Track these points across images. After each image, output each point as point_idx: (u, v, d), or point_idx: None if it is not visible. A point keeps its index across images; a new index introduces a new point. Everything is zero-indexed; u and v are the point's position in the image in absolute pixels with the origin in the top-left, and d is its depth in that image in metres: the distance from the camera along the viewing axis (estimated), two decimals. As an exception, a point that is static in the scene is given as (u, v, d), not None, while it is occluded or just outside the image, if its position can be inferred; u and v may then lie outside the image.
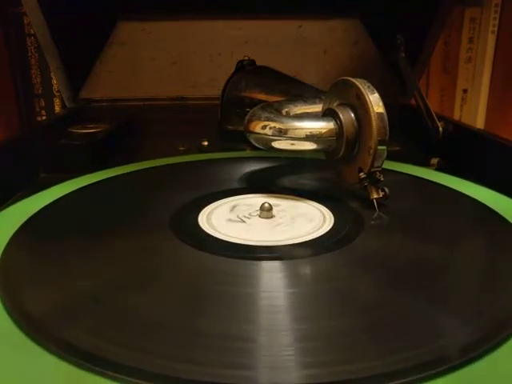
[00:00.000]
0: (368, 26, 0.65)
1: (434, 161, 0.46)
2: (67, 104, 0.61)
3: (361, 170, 0.30)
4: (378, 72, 0.64)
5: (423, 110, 0.50)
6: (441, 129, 0.48)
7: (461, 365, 0.17)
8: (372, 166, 0.30)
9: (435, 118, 0.49)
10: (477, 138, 0.45)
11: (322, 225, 0.29)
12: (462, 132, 0.48)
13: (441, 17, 0.59)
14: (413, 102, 0.56)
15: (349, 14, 0.65)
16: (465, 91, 0.75)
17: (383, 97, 0.29)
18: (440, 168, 0.44)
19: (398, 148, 0.51)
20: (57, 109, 0.70)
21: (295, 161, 0.41)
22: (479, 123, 0.74)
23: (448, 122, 0.49)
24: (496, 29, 0.71)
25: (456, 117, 0.75)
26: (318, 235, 0.28)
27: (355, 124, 0.30)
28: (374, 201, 0.30)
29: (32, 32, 0.66)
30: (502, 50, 0.71)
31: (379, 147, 0.29)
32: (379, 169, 0.30)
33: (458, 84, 0.75)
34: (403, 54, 0.55)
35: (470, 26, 0.72)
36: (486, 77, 0.73)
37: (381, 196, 0.30)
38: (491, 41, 0.71)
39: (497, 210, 0.31)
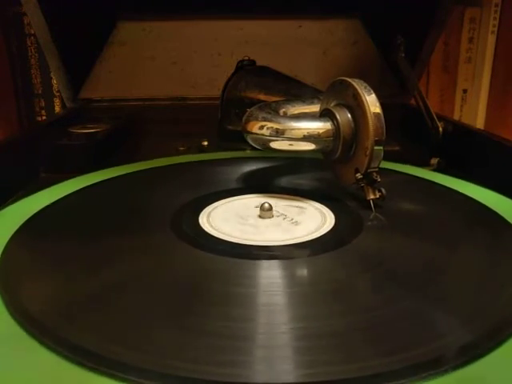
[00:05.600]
0: (368, 26, 0.65)
1: (434, 161, 0.46)
2: (67, 104, 0.61)
3: (357, 171, 0.30)
4: (377, 72, 0.64)
5: (423, 110, 0.50)
6: (441, 129, 0.48)
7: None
8: (368, 166, 0.30)
9: (435, 117, 0.49)
10: (477, 138, 0.45)
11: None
12: (461, 132, 0.48)
13: (441, 17, 0.59)
14: (413, 102, 0.56)
15: (349, 13, 0.65)
16: (465, 91, 0.75)
17: (383, 97, 0.29)
18: (440, 168, 0.44)
19: (397, 148, 0.51)
20: (57, 109, 0.70)
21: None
22: (479, 123, 0.74)
23: (448, 122, 0.49)
24: (496, 29, 0.71)
25: (456, 117, 0.75)
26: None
27: (352, 124, 0.30)
28: (371, 201, 0.30)
29: (32, 32, 0.66)
30: (502, 50, 0.71)
31: (376, 148, 0.29)
32: (376, 169, 0.30)
33: (458, 84, 0.75)
34: (403, 54, 0.55)
35: (470, 26, 0.72)
36: (486, 77, 0.73)
37: (377, 197, 0.30)
38: (491, 41, 0.71)
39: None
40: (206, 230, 0.28)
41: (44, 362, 0.17)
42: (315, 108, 0.34)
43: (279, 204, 0.32)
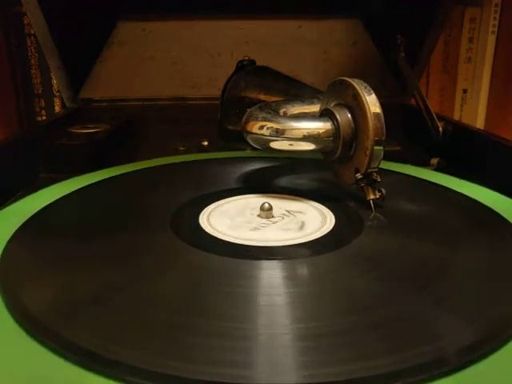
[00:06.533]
0: (368, 26, 0.65)
1: (434, 161, 0.46)
2: (67, 104, 0.61)
3: (357, 171, 0.30)
4: (377, 72, 0.64)
5: (423, 110, 0.50)
6: (441, 129, 0.48)
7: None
8: (368, 166, 0.29)
9: (435, 118, 0.49)
10: (477, 138, 0.45)
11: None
12: (462, 132, 0.48)
13: (441, 17, 0.59)
14: (413, 102, 0.56)
15: (349, 13, 0.65)
16: (465, 91, 0.75)
17: (383, 97, 0.29)
18: (440, 168, 0.44)
19: (398, 148, 0.51)
20: (57, 109, 0.70)
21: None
22: (479, 123, 0.74)
23: (448, 122, 0.49)
24: (496, 29, 0.71)
25: (456, 117, 0.75)
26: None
27: (352, 124, 0.30)
28: (371, 201, 0.30)
29: (32, 32, 0.66)
30: (502, 50, 0.71)
31: (376, 148, 0.29)
32: (376, 169, 0.30)
33: (458, 84, 0.75)
34: (403, 54, 0.55)
35: (470, 26, 0.72)
36: (486, 77, 0.73)
37: (377, 197, 0.30)
38: (491, 41, 0.71)
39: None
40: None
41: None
42: (315, 108, 0.34)
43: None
